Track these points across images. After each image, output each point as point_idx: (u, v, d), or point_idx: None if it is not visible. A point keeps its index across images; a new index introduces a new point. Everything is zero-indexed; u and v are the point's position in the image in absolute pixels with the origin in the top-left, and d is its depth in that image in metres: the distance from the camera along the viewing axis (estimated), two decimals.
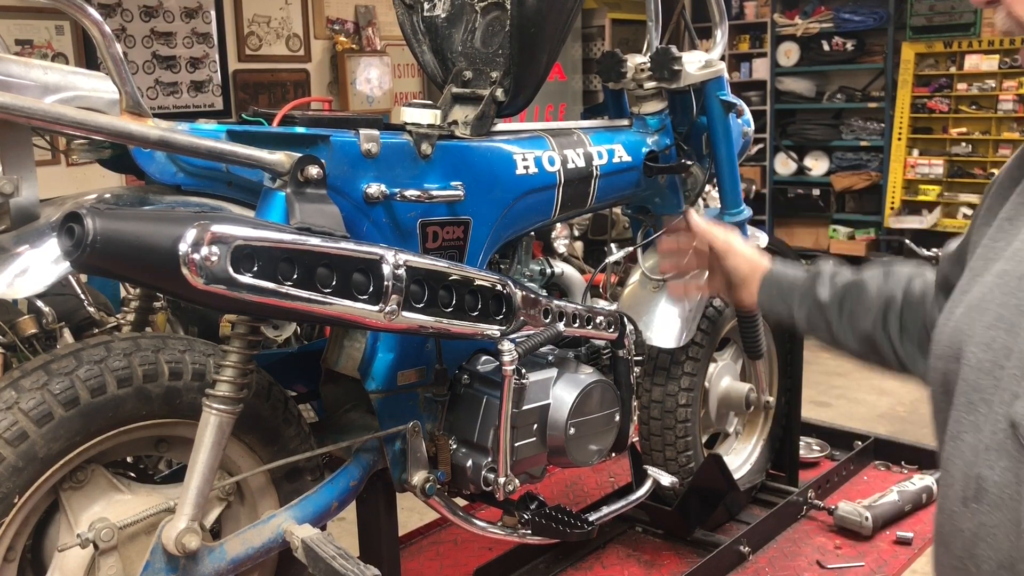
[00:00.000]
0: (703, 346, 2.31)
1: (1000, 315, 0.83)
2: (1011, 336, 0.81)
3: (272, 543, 1.49)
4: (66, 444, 1.32)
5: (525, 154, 1.83)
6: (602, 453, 1.87)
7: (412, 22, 1.91)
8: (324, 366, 1.67)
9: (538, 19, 1.70)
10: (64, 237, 1.16)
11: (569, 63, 6.83)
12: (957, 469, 0.84)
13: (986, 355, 0.83)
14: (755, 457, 2.64)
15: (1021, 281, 0.82)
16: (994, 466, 0.79)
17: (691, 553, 2.37)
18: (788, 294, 1.41)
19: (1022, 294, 0.82)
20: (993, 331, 0.83)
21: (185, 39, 5.00)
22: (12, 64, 1.34)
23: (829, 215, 7.64)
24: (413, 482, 1.67)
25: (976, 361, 0.83)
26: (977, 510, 0.80)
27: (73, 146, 1.50)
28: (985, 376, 0.82)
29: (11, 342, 1.88)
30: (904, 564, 2.36)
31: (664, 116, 2.20)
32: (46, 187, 1.39)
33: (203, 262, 1.18)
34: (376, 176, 1.56)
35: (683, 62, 2.12)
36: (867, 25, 7.29)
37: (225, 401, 1.37)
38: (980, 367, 0.83)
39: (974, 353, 0.84)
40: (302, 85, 5.53)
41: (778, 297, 1.42)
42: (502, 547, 2.27)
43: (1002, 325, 0.82)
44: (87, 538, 1.34)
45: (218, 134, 1.47)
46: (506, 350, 1.60)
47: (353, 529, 1.92)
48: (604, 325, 1.86)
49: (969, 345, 0.85)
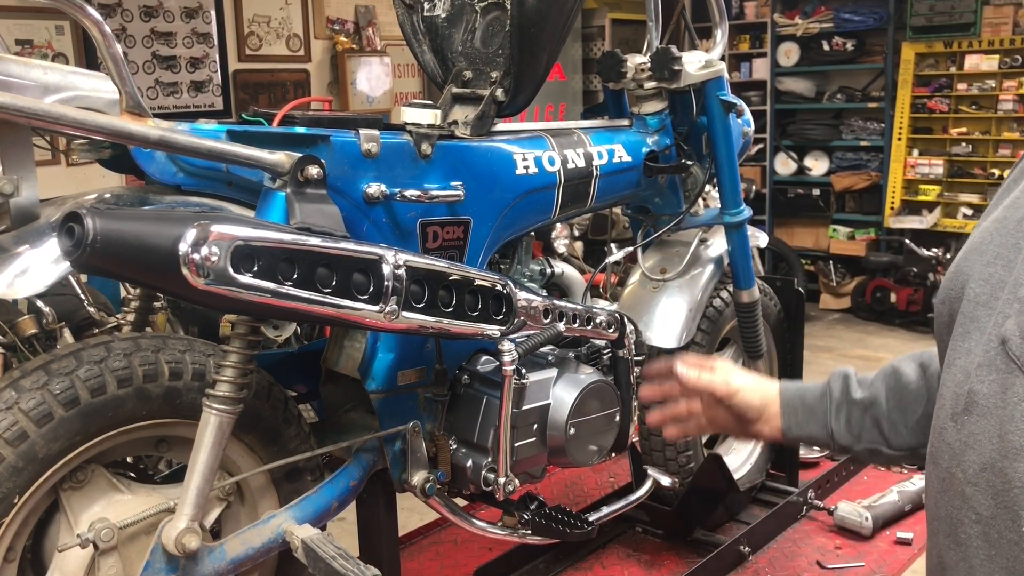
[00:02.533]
0: (703, 346, 2.30)
1: (998, 254, 0.88)
2: (1007, 270, 0.87)
3: (272, 543, 1.49)
4: (66, 444, 1.32)
5: (525, 154, 1.83)
6: (602, 453, 1.87)
7: (412, 22, 1.91)
8: (324, 366, 1.67)
9: (538, 19, 1.70)
10: (64, 237, 1.16)
11: (569, 63, 6.83)
12: (948, 391, 0.89)
13: (983, 289, 0.88)
14: (755, 457, 2.64)
15: (1020, 224, 0.88)
16: (984, 380, 0.84)
17: (691, 553, 2.37)
18: (817, 409, 1.28)
19: (1020, 234, 0.87)
20: (991, 268, 0.88)
21: (185, 39, 5.00)
22: (12, 64, 1.34)
23: (829, 215, 7.64)
24: (413, 482, 1.67)
25: (974, 295, 0.89)
26: (966, 421, 0.85)
27: (73, 146, 1.50)
28: (981, 307, 0.88)
29: (11, 342, 1.88)
30: (904, 564, 2.36)
31: (664, 116, 2.20)
32: (46, 187, 1.39)
33: (203, 262, 1.18)
34: (376, 176, 1.56)
35: (683, 62, 2.12)
36: (867, 25, 7.28)
37: (225, 401, 1.37)
38: (978, 300, 0.88)
39: (973, 289, 0.89)
40: (302, 85, 5.53)
41: (807, 417, 1.28)
42: (502, 547, 2.27)
43: (999, 262, 0.88)
44: (87, 538, 1.34)
45: (218, 134, 1.47)
46: (506, 350, 1.60)
47: (353, 529, 1.92)
48: (604, 325, 1.86)
49: (970, 283, 0.90)
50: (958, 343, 0.89)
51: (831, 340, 6.32)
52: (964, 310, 0.90)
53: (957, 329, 0.90)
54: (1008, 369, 0.81)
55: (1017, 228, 0.89)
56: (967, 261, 0.93)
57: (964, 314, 0.90)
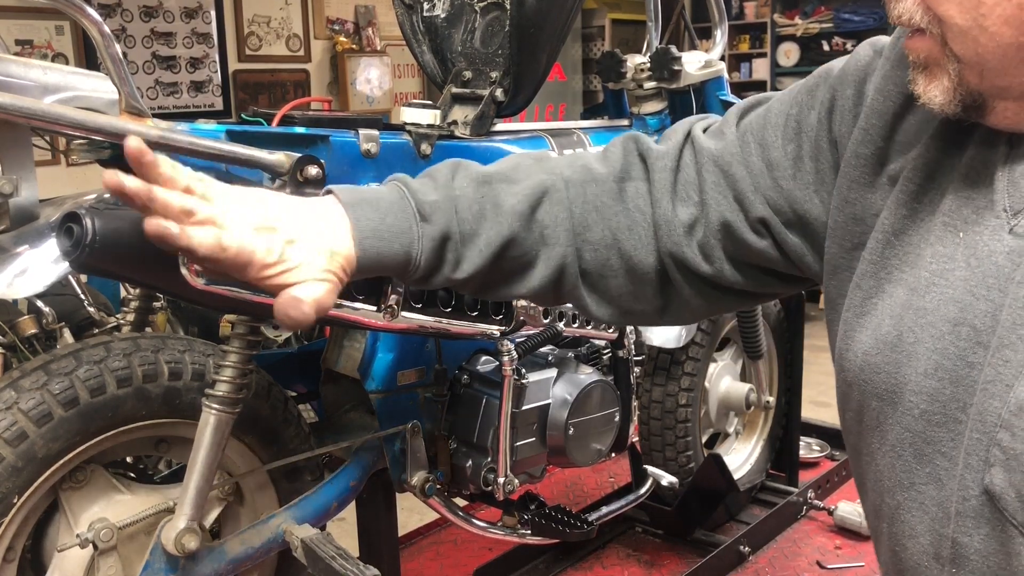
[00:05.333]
0: (703, 346, 2.30)
1: (939, 364, 0.75)
2: (960, 388, 0.73)
3: (272, 543, 1.49)
4: (65, 444, 1.32)
5: None
6: (602, 453, 1.87)
7: (412, 22, 1.91)
8: (324, 366, 1.67)
9: (538, 19, 1.70)
10: (63, 237, 1.15)
11: (569, 63, 6.83)
12: (920, 523, 0.77)
13: (933, 407, 0.75)
14: (755, 457, 2.64)
15: (956, 327, 0.74)
16: (973, 534, 0.72)
17: (691, 553, 2.37)
18: (393, 202, 0.88)
19: (961, 343, 0.73)
20: (934, 381, 0.75)
21: (185, 39, 5.00)
22: (12, 64, 1.34)
23: None
24: (413, 482, 1.67)
25: (920, 412, 0.76)
26: (956, 574, 0.74)
27: (73, 146, 1.49)
28: (937, 428, 0.75)
29: (11, 342, 1.88)
30: None
31: (664, 116, 2.20)
32: (46, 187, 1.40)
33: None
34: (376, 176, 1.56)
35: (683, 62, 2.12)
36: (867, 25, 7.28)
37: (225, 401, 1.37)
38: (928, 419, 0.75)
39: (914, 403, 0.76)
40: (302, 85, 5.53)
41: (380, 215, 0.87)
42: (502, 547, 2.27)
43: (944, 376, 0.74)
44: (86, 538, 1.34)
45: (218, 134, 1.46)
46: (506, 350, 1.60)
47: (353, 529, 1.92)
48: (604, 325, 1.85)
49: (906, 393, 0.77)
50: (913, 465, 0.77)
51: None
52: (910, 425, 0.77)
53: (904, 447, 0.78)
54: (1001, 527, 0.71)
55: (954, 332, 0.74)
56: (889, 360, 0.78)
57: (912, 431, 0.77)
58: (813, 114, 0.91)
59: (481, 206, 0.90)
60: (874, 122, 0.85)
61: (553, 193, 0.94)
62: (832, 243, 0.89)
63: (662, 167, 0.96)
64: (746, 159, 0.93)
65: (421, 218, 0.88)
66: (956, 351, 0.74)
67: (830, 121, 0.90)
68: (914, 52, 0.77)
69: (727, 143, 0.95)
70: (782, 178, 0.92)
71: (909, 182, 0.81)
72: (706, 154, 0.95)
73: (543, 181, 0.94)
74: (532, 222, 0.93)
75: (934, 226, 0.79)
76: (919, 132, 0.82)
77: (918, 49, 0.76)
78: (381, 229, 0.86)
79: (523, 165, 0.97)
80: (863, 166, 0.86)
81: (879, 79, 0.86)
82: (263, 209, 0.83)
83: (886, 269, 0.82)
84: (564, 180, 0.96)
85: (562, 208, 0.94)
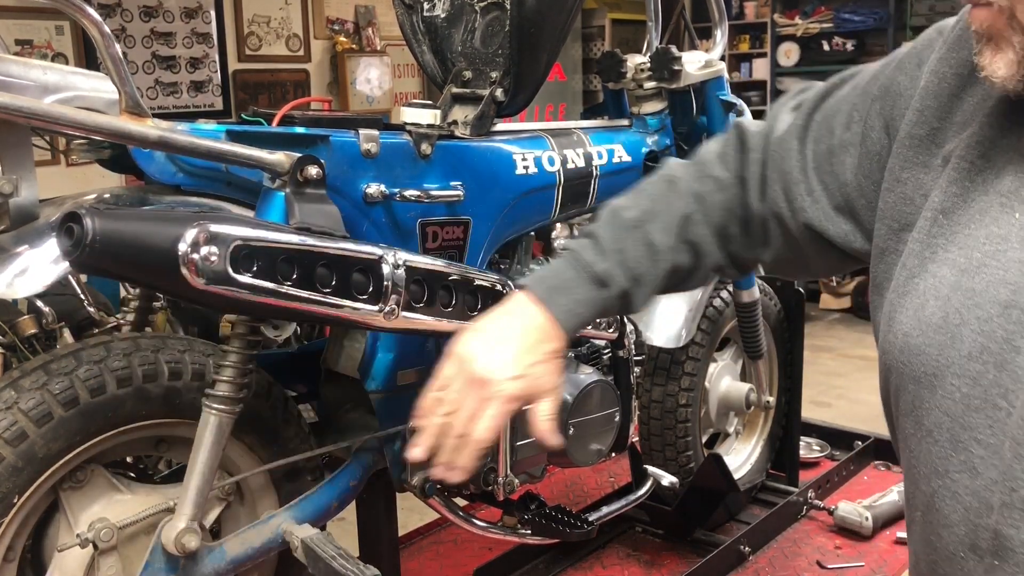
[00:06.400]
0: (703, 346, 2.30)
1: (984, 347, 0.73)
2: (1003, 373, 0.72)
3: (272, 543, 1.49)
4: (66, 444, 1.32)
5: (525, 154, 1.83)
6: (602, 453, 1.87)
7: (412, 22, 1.91)
8: (324, 366, 1.67)
9: (538, 19, 1.70)
10: (63, 237, 1.16)
11: (569, 63, 6.83)
12: (955, 513, 0.76)
13: (974, 391, 0.74)
14: (755, 457, 2.64)
15: (1007, 310, 0.72)
16: (1020, 526, 0.70)
17: (691, 553, 2.37)
18: (574, 279, 1.03)
19: (1011, 326, 0.72)
20: (978, 364, 0.74)
21: (185, 39, 5.00)
22: (12, 64, 1.34)
23: None
24: (413, 482, 1.67)
25: (960, 396, 0.75)
26: (997, 567, 0.73)
27: (73, 146, 1.50)
28: (975, 413, 0.74)
29: (11, 342, 1.88)
30: (904, 564, 2.36)
31: (664, 116, 2.20)
32: (46, 187, 1.39)
33: (203, 262, 1.18)
34: (376, 176, 1.56)
35: (683, 62, 2.12)
36: (867, 25, 7.28)
37: (225, 401, 1.37)
38: (968, 403, 0.74)
39: (956, 387, 0.75)
40: (302, 85, 5.53)
41: (571, 296, 1.02)
42: (502, 547, 2.27)
43: (989, 359, 0.73)
44: (87, 538, 1.34)
45: (218, 134, 1.46)
46: None
47: (353, 529, 1.92)
48: (604, 325, 1.85)
49: (947, 376, 0.76)
50: (948, 451, 0.77)
51: (831, 340, 6.31)
52: (948, 409, 0.76)
53: (942, 432, 0.77)
54: None
55: (1004, 314, 0.73)
56: (932, 342, 0.77)
57: (949, 415, 0.76)
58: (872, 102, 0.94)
59: (639, 253, 1.03)
60: (929, 103, 0.85)
61: (693, 216, 1.06)
62: (881, 225, 0.90)
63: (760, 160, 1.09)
64: (814, 147, 1.01)
65: (601, 285, 1.02)
66: (1004, 334, 0.72)
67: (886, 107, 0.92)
68: (977, 22, 0.76)
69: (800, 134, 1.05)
70: (838, 164, 0.97)
71: (962, 160, 0.81)
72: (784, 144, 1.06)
73: (681, 209, 1.06)
74: (684, 248, 1.06)
75: (989, 206, 0.78)
76: (975, 112, 0.82)
77: (981, 19, 0.76)
78: (575, 308, 1.02)
79: (659, 195, 1.09)
80: (917, 146, 0.86)
81: (935, 61, 0.87)
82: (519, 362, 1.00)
83: (931, 248, 0.81)
84: (696, 199, 1.07)
85: (703, 227, 1.06)
